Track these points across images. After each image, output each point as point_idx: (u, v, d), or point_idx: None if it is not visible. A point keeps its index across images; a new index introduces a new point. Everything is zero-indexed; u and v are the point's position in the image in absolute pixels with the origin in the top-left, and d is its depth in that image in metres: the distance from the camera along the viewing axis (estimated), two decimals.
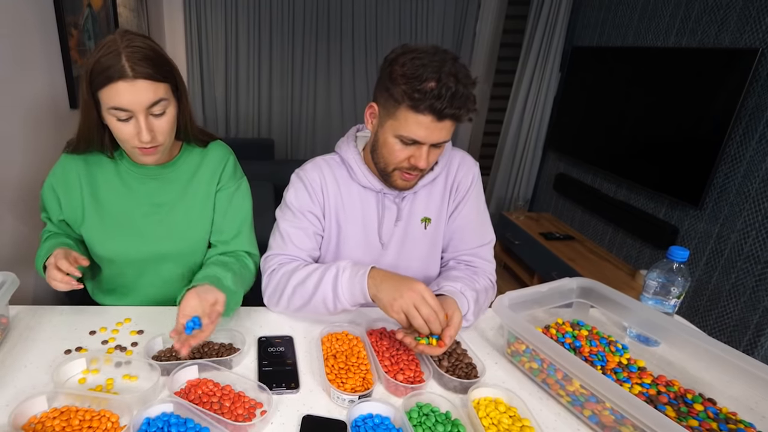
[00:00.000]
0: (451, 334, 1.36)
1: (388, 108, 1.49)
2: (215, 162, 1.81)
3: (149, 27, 4.55)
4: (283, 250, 1.74)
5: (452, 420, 1.24)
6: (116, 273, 1.81)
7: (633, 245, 3.94)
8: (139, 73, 1.41)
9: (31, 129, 2.40)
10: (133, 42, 1.43)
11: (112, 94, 1.43)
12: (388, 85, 1.47)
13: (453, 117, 1.42)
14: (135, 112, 1.45)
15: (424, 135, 1.45)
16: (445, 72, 1.38)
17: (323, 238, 1.80)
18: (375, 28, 5.50)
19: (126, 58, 1.39)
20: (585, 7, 4.59)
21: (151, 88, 1.44)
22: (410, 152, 1.51)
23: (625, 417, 1.15)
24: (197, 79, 5.51)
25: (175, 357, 1.41)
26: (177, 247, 1.77)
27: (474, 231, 1.79)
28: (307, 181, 1.74)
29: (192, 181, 1.77)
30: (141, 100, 1.44)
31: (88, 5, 3.09)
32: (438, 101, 1.37)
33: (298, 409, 1.30)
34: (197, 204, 1.78)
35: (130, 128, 1.49)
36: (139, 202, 1.73)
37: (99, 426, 1.19)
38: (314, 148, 5.93)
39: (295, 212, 1.73)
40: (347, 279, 1.51)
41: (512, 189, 5.41)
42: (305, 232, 1.74)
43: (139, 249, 1.74)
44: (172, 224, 1.76)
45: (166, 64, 1.49)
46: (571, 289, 1.67)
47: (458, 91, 1.38)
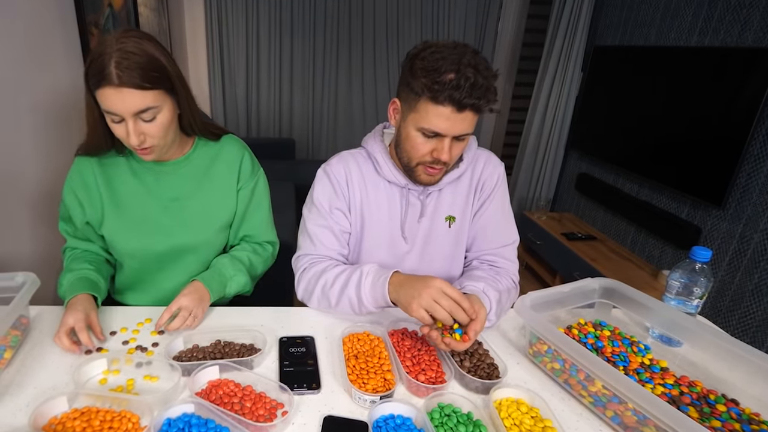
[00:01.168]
0: (476, 329, 1.40)
1: (409, 102, 1.54)
2: (231, 157, 1.88)
3: (170, 26, 4.63)
4: (311, 250, 1.81)
5: (474, 420, 1.26)
6: (137, 268, 1.87)
7: (655, 245, 4.00)
8: (125, 82, 1.46)
9: (52, 129, 2.47)
10: (125, 46, 1.47)
11: (101, 97, 1.49)
12: (409, 80, 1.52)
13: (473, 107, 1.46)
14: (124, 117, 1.52)
15: (445, 127, 1.49)
16: (464, 64, 1.42)
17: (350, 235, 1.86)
18: (396, 27, 5.60)
19: (114, 65, 1.44)
20: (607, 7, 4.65)
21: (138, 96, 1.49)
22: (433, 145, 1.56)
23: (647, 418, 1.17)
24: (218, 79, 5.63)
25: (196, 357, 1.45)
26: (195, 239, 1.85)
27: (498, 231, 1.83)
28: (333, 176, 1.79)
29: (207, 175, 1.85)
30: (127, 107, 1.49)
31: (109, 4, 3.15)
32: (457, 92, 1.41)
33: (320, 409, 1.33)
34: (214, 197, 1.86)
35: (122, 129, 1.56)
36: (155, 197, 1.80)
37: (120, 427, 1.21)
38: (335, 148, 6.00)
39: (321, 210, 1.79)
40: (370, 284, 1.58)
41: (534, 189, 5.49)
42: (332, 231, 1.80)
43: (159, 242, 1.81)
44: (190, 217, 1.83)
45: (157, 69, 1.53)
46: (593, 290, 1.70)
47: (477, 81, 1.42)
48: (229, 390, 1.35)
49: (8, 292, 1.53)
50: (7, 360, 1.45)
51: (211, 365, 1.39)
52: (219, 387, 1.36)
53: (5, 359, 1.44)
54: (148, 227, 1.79)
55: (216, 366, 1.39)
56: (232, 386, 1.36)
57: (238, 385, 1.37)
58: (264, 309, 1.81)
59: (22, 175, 2.27)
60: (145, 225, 1.79)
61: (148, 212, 1.79)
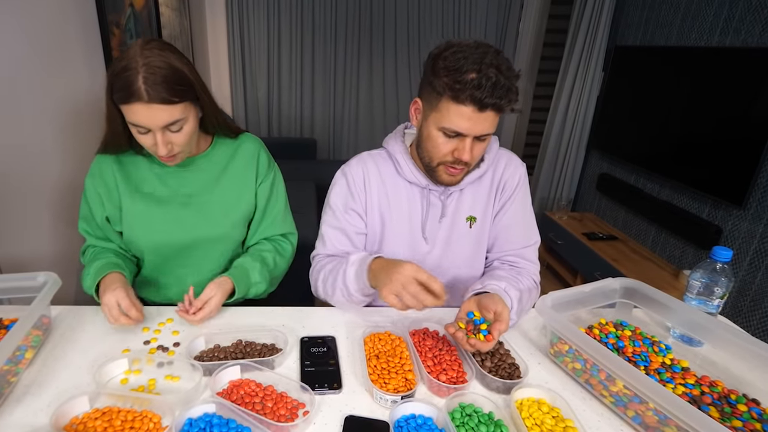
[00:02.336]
0: (500, 329, 1.43)
1: (431, 101, 1.58)
2: (248, 153, 1.95)
3: (191, 27, 4.71)
4: (322, 251, 1.89)
5: (495, 420, 1.29)
6: (156, 263, 1.94)
7: (676, 245, 4.06)
8: (155, 98, 1.51)
9: (72, 128, 2.53)
10: (152, 61, 1.51)
11: (129, 112, 1.55)
12: (431, 79, 1.55)
13: (494, 107, 1.49)
14: (152, 129, 1.58)
15: (466, 126, 1.52)
16: (486, 63, 1.45)
17: (367, 236, 1.90)
18: (417, 28, 5.69)
19: (143, 80, 1.49)
20: (628, 6, 4.73)
21: (167, 111, 1.55)
22: (454, 145, 1.59)
23: (668, 417, 1.20)
24: (239, 80, 5.73)
25: (217, 357, 1.49)
26: (214, 233, 1.91)
27: (519, 231, 1.87)
28: (350, 177, 1.84)
29: (226, 170, 1.92)
30: (157, 121, 1.56)
31: (130, 4, 3.20)
32: (478, 91, 1.45)
33: (341, 409, 1.36)
34: (233, 191, 1.92)
35: (149, 139, 1.62)
36: (174, 193, 1.87)
37: (141, 427, 1.24)
38: (357, 148, 6.11)
39: (335, 212, 1.85)
40: (354, 272, 1.66)
41: (555, 189, 5.58)
42: (343, 232, 1.85)
43: (178, 237, 1.88)
44: (209, 211, 1.89)
45: (183, 82, 1.59)
46: (614, 290, 1.73)
47: (499, 81, 1.45)
48: (250, 390, 1.38)
49: (30, 292, 1.57)
50: (29, 360, 1.49)
51: (232, 365, 1.42)
52: (240, 387, 1.39)
53: (27, 359, 1.47)
54: (168, 222, 1.86)
55: (237, 366, 1.43)
56: (254, 386, 1.39)
57: (260, 385, 1.40)
58: (285, 309, 1.85)
59: (43, 174, 2.34)
60: (164, 220, 1.85)
61: (168, 208, 1.86)
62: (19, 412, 1.32)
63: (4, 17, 2.06)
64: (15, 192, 2.18)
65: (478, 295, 1.60)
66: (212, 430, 1.23)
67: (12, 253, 2.17)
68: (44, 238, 2.37)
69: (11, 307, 1.72)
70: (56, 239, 2.43)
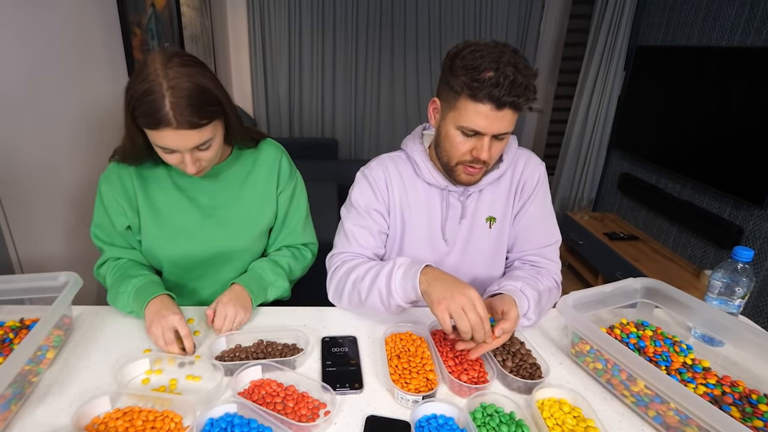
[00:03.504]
0: (505, 328, 1.46)
1: (448, 100, 1.62)
2: (269, 162, 1.95)
3: (212, 27, 4.80)
4: (346, 248, 1.87)
5: (516, 420, 1.31)
6: (176, 275, 1.95)
7: (697, 245, 4.13)
8: (184, 123, 1.49)
9: (94, 129, 2.59)
10: (178, 83, 1.47)
11: (157, 137, 1.54)
12: (448, 78, 1.59)
13: (512, 105, 1.52)
14: (180, 151, 1.57)
15: (484, 125, 1.55)
16: (503, 62, 1.49)
17: (388, 236, 1.93)
18: (439, 27, 5.79)
19: (170, 106, 1.46)
20: (649, 6, 4.80)
21: (197, 134, 1.54)
22: (472, 144, 1.62)
23: (689, 417, 1.22)
24: (261, 79, 5.84)
25: (238, 357, 1.53)
26: (235, 246, 1.92)
27: (540, 231, 1.90)
28: (372, 179, 1.87)
29: (247, 181, 1.92)
30: (186, 144, 1.55)
31: (152, 5, 3.25)
32: (496, 89, 1.48)
33: (362, 409, 1.40)
34: (254, 203, 1.92)
35: (175, 159, 1.62)
36: (194, 205, 1.87)
37: (162, 426, 1.27)
38: (378, 148, 6.24)
39: (359, 211, 1.87)
40: (401, 275, 1.60)
41: (576, 189, 5.67)
42: (369, 230, 1.87)
43: (198, 251, 1.88)
44: (229, 224, 1.89)
45: (211, 103, 1.56)
46: (636, 290, 1.77)
47: (516, 79, 1.49)
48: (271, 390, 1.41)
49: (51, 292, 1.61)
50: (50, 360, 1.53)
51: (253, 365, 1.46)
52: (261, 387, 1.42)
53: (48, 359, 1.51)
54: (188, 235, 1.86)
55: (258, 366, 1.47)
56: (275, 386, 1.42)
57: (281, 385, 1.43)
58: (307, 309, 1.89)
59: (64, 175, 2.39)
60: (184, 232, 1.86)
61: (187, 220, 1.86)
62: (41, 412, 1.35)
63: (26, 19, 2.11)
64: (36, 192, 2.23)
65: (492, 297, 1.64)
66: (233, 429, 1.26)
67: (33, 253, 2.22)
68: (65, 238, 2.42)
69: (33, 307, 1.77)
70: (77, 239, 2.48)
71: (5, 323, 1.65)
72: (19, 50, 2.10)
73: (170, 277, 1.96)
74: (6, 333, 1.60)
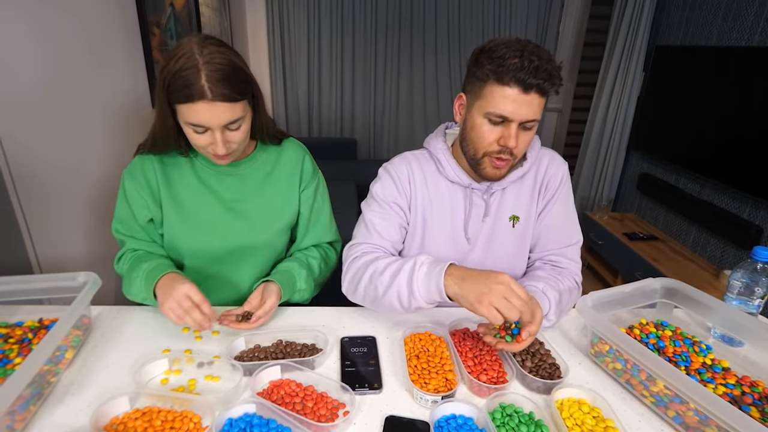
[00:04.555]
0: (531, 331, 1.48)
1: (475, 92, 1.67)
2: (292, 160, 1.99)
3: (231, 27, 4.90)
4: (367, 239, 1.89)
5: (536, 421, 1.34)
6: (197, 269, 1.99)
7: (717, 245, 4.19)
8: (218, 96, 1.55)
9: (112, 129, 2.64)
10: (213, 58, 1.55)
11: (190, 112, 1.58)
12: (474, 71, 1.65)
13: (538, 88, 1.57)
14: (212, 128, 1.62)
15: (511, 109, 1.59)
16: (528, 51, 1.55)
17: (408, 232, 1.96)
18: (458, 28, 5.89)
19: (206, 78, 1.53)
20: (669, 6, 4.86)
21: (230, 109, 1.60)
22: (499, 133, 1.66)
23: (709, 418, 1.25)
24: (280, 79, 5.95)
25: (257, 357, 1.57)
26: (256, 241, 1.96)
27: (562, 231, 1.94)
28: (395, 174, 1.91)
29: (269, 177, 1.96)
30: (219, 120, 1.60)
31: (171, 5, 3.30)
32: (522, 72, 1.53)
33: (381, 409, 1.43)
34: (275, 199, 1.97)
35: (206, 139, 1.66)
36: (217, 199, 1.91)
37: (181, 427, 1.30)
38: (397, 148, 6.34)
39: (380, 203, 1.91)
40: (424, 274, 1.59)
41: (596, 189, 5.75)
42: (390, 222, 1.90)
43: (219, 245, 1.93)
44: (251, 218, 1.94)
45: (244, 80, 1.64)
46: (655, 290, 1.81)
47: (542, 65, 1.54)
48: (290, 390, 1.44)
49: (70, 292, 1.65)
50: (69, 360, 1.57)
51: (272, 365, 1.49)
52: (280, 387, 1.45)
53: (67, 359, 1.55)
54: (209, 228, 1.91)
55: (278, 366, 1.50)
56: (294, 386, 1.46)
57: (300, 385, 1.46)
58: (326, 309, 1.94)
59: (83, 175, 2.44)
60: (206, 226, 1.90)
61: (210, 213, 1.90)
62: (59, 412, 1.38)
63: (46, 19, 2.15)
64: (55, 192, 2.27)
65: None
66: (252, 430, 1.28)
67: (52, 253, 2.26)
68: (84, 238, 2.47)
69: (51, 307, 1.81)
70: (96, 239, 2.53)
71: (24, 323, 1.70)
72: (37, 50, 2.14)
73: (191, 272, 2.00)
74: (25, 333, 1.63)
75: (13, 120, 2.02)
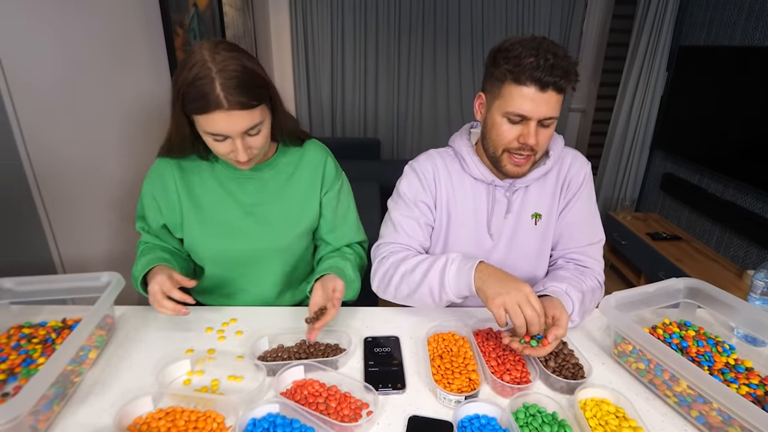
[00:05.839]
0: (557, 334, 1.53)
1: (493, 91, 1.73)
2: (314, 162, 2.01)
3: (255, 27, 4.96)
4: (394, 239, 1.97)
5: (559, 421, 1.38)
6: (218, 272, 2.03)
7: (740, 245, 4.25)
8: (235, 104, 1.57)
9: (134, 129, 2.70)
10: (227, 65, 1.56)
11: (208, 122, 1.61)
12: (492, 70, 1.72)
13: (554, 86, 1.63)
14: (231, 136, 1.65)
15: (529, 108, 1.66)
16: (543, 49, 1.62)
17: (434, 229, 2.02)
18: (481, 28, 5.98)
19: (221, 87, 1.55)
20: (692, 6, 4.92)
21: (248, 116, 1.62)
22: (518, 131, 1.72)
23: (732, 418, 1.28)
24: (303, 79, 6.06)
25: (281, 357, 1.62)
26: (277, 244, 1.99)
27: (584, 229, 1.99)
28: (420, 172, 1.97)
29: (291, 180, 1.99)
30: (237, 127, 1.62)
31: (194, 5, 3.35)
32: (538, 71, 1.60)
33: (405, 409, 1.47)
34: (296, 202, 1.99)
35: (226, 147, 1.69)
36: (237, 202, 1.94)
37: (204, 427, 1.34)
38: (420, 148, 6.38)
39: (407, 202, 1.97)
40: (455, 270, 1.71)
41: (619, 189, 5.84)
42: (417, 221, 1.97)
43: (240, 248, 1.96)
44: (272, 223, 1.97)
45: (259, 85, 1.65)
46: (678, 290, 1.85)
47: (557, 63, 1.60)
48: (314, 390, 1.48)
49: (93, 292, 1.70)
50: (92, 360, 1.62)
51: (296, 365, 1.53)
52: (304, 387, 1.49)
53: (90, 359, 1.60)
54: (230, 232, 1.94)
55: (301, 366, 1.54)
56: (317, 386, 1.50)
57: (323, 385, 1.50)
58: (349, 309, 1.98)
59: (105, 174, 2.50)
60: (226, 229, 1.94)
61: (230, 217, 1.94)
62: (83, 412, 1.43)
63: (68, 19, 2.21)
64: (78, 192, 2.33)
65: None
66: (276, 430, 1.32)
67: (75, 252, 2.31)
68: (107, 238, 2.53)
69: (75, 307, 1.88)
70: (119, 240, 2.59)
71: (48, 323, 1.75)
72: (59, 50, 2.20)
73: (212, 275, 2.04)
74: (48, 333, 1.69)
75: (37, 121, 2.08)
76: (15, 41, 1.96)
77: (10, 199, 2.01)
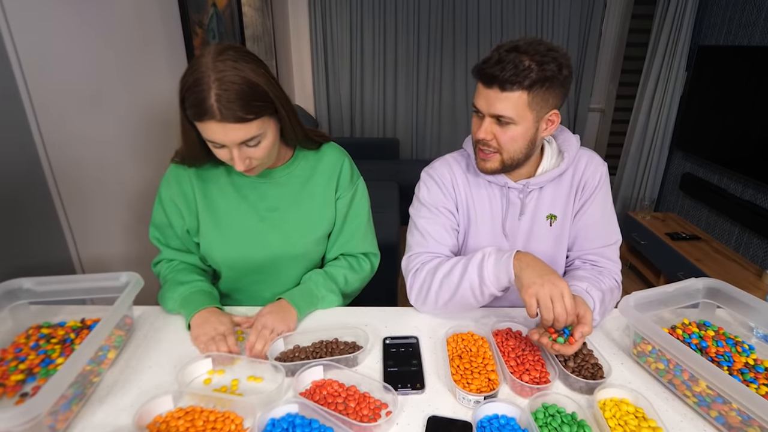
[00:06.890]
0: (583, 332, 1.57)
1: None
2: (330, 166, 2.03)
3: (274, 27, 5.04)
4: (424, 248, 2.00)
5: (578, 421, 1.41)
6: (234, 278, 2.07)
7: (760, 245, 4.31)
8: (228, 117, 1.56)
9: (152, 129, 2.75)
10: (225, 75, 1.55)
11: (204, 129, 1.63)
12: None
13: (498, 81, 1.68)
14: (227, 146, 1.66)
15: (481, 104, 1.76)
16: (505, 46, 1.69)
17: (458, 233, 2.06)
18: (500, 28, 6.10)
19: (215, 98, 1.54)
20: (711, 6, 4.97)
21: (242, 129, 1.62)
22: (478, 125, 1.81)
23: (752, 418, 1.30)
24: (322, 79, 6.18)
25: (298, 358, 1.65)
26: (293, 251, 2.02)
27: (600, 230, 2.02)
28: (438, 178, 2.01)
29: (307, 185, 2.01)
30: (232, 139, 1.63)
31: (213, 4, 3.40)
32: (485, 65, 1.69)
33: (424, 409, 1.50)
34: (313, 207, 2.02)
35: (225, 154, 1.71)
36: (253, 208, 1.97)
37: (223, 427, 1.37)
38: (439, 148, 6.60)
39: (430, 208, 2.00)
40: (493, 262, 1.75)
41: (638, 189, 5.92)
42: (444, 227, 2.01)
43: (255, 254, 1.99)
44: (288, 228, 1.99)
45: (259, 99, 1.62)
46: (698, 290, 1.87)
47: (506, 57, 1.65)
48: (333, 390, 1.51)
49: (112, 292, 1.73)
50: (111, 360, 1.66)
51: (315, 365, 1.57)
52: (323, 387, 1.52)
53: (109, 359, 1.64)
54: (246, 238, 1.97)
55: (320, 366, 1.58)
56: (336, 386, 1.53)
57: (342, 385, 1.54)
58: (369, 309, 2.02)
59: (123, 175, 2.55)
60: (242, 235, 1.97)
61: (246, 223, 1.96)
62: (102, 412, 1.46)
63: (87, 19, 2.25)
64: (97, 192, 2.37)
65: None
66: (295, 430, 1.35)
67: (95, 253, 2.36)
68: (126, 238, 2.58)
69: (94, 307, 1.92)
70: (138, 240, 2.63)
71: (67, 323, 1.79)
72: (78, 50, 2.24)
73: (228, 281, 2.07)
74: (67, 333, 1.73)
75: (56, 121, 2.12)
76: (34, 41, 2.00)
77: (30, 199, 2.05)
